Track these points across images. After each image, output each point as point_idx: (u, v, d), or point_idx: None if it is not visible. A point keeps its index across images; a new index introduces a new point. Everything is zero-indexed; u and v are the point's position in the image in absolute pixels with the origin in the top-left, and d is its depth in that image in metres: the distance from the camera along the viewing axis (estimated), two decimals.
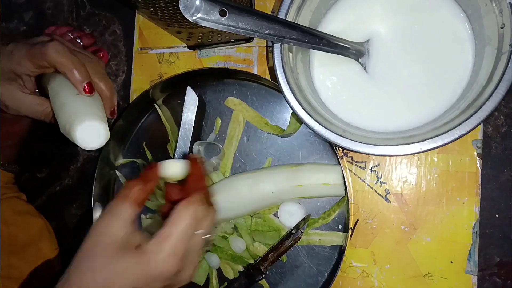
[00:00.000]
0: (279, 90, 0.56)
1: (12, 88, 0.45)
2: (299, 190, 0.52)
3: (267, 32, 0.43)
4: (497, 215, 0.49)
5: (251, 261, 0.56)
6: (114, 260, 0.35)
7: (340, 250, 0.53)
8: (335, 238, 0.53)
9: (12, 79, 0.45)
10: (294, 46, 0.47)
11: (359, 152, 0.42)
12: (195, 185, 0.40)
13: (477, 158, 0.49)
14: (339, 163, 0.51)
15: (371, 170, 0.53)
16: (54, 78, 0.45)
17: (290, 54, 0.47)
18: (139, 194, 0.38)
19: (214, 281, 0.58)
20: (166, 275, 0.35)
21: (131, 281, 0.35)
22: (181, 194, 0.40)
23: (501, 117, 0.50)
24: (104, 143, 0.41)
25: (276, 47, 0.45)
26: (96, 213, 0.54)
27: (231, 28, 0.41)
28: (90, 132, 0.40)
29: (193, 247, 0.37)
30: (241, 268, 0.57)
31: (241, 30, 0.41)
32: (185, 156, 0.55)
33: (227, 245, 0.57)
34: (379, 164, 0.53)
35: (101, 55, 0.67)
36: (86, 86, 0.42)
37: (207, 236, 0.39)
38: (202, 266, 0.58)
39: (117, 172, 0.65)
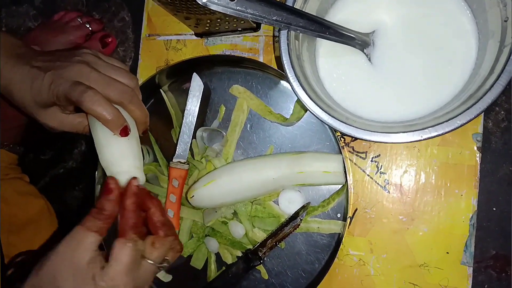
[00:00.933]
0: (284, 79, 0.57)
1: (53, 111, 0.47)
2: (300, 177, 0.53)
3: (274, 18, 0.44)
4: (494, 209, 0.50)
5: (250, 246, 0.57)
6: (80, 278, 0.39)
7: (338, 238, 0.53)
8: (333, 226, 0.54)
9: (51, 105, 0.47)
10: (300, 34, 0.48)
11: (361, 139, 0.43)
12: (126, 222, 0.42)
13: (477, 151, 0.50)
14: (340, 152, 0.52)
15: (372, 161, 0.54)
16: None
17: (297, 42, 0.48)
18: (105, 225, 0.41)
19: (213, 266, 0.59)
20: None
21: None
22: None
23: (502, 112, 0.51)
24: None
25: (283, 34, 0.46)
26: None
27: (240, 13, 0.42)
28: (128, 177, 0.43)
29: (143, 274, 0.41)
30: (239, 253, 0.58)
31: (249, 15, 0.42)
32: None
33: (227, 230, 0.57)
34: (379, 155, 0.53)
35: (109, 40, 0.68)
36: (122, 131, 0.44)
37: (159, 264, 0.42)
38: (201, 251, 0.59)
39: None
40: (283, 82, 0.58)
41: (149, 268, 0.42)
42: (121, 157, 0.45)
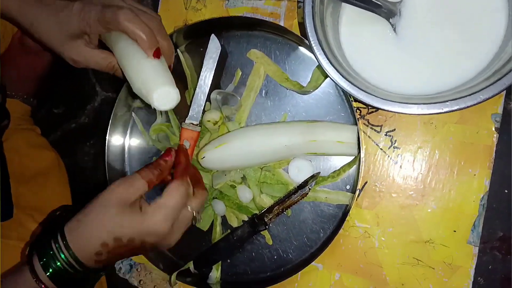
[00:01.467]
0: (304, 45, 0.56)
1: (79, 44, 0.48)
2: (313, 145, 0.52)
3: None
4: (506, 191, 0.49)
5: (256, 211, 0.57)
6: (122, 214, 0.43)
7: (345, 210, 0.53)
8: (341, 197, 0.54)
9: (78, 36, 0.47)
10: None
11: (380, 109, 0.42)
12: (183, 171, 0.49)
13: (495, 132, 0.49)
14: (356, 124, 0.51)
15: (386, 135, 0.53)
16: (121, 39, 0.47)
17: (321, 6, 0.47)
18: (155, 180, 0.46)
19: (218, 228, 0.59)
20: (156, 234, 0.44)
21: (130, 233, 0.43)
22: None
23: None
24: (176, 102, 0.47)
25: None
26: None
27: None
28: (165, 96, 0.45)
29: (182, 218, 0.46)
30: (245, 218, 0.58)
31: None
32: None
33: (234, 194, 0.58)
34: (395, 129, 0.53)
35: None
36: (155, 52, 0.46)
37: (195, 213, 0.47)
38: (207, 212, 0.60)
39: (133, 115, 0.65)
40: (303, 49, 0.57)
41: (187, 215, 0.46)
42: (156, 75, 0.45)
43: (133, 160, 0.65)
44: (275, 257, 0.57)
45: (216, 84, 0.60)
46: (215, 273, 0.59)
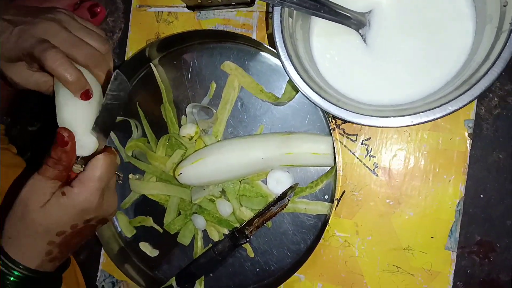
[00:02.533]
0: (276, 57, 0.56)
1: (19, 66, 0.47)
2: (289, 158, 0.52)
3: None
4: (481, 195, 0.50)
5: (237, 225, 0.57)
6: (50, 209, 0.42)
7: (325, 220, 0.54)
8: (320, 207, 0.54)
9: (18, 59, 0.46)
10: (294, 12, 0.46)
11: (351, 122, 0.42)
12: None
13: (468, 137, 0.50)
14: (331, 134, 0.51)
15: (362, 144, 0.53)
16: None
17: (290, 19, 0.46)
18: (59, 174, 0.43)
19: (199, 243, 0.59)
20: (91, 209, 0.44)
21: (69, 217, 0.43)
22: None
23: (495, 99, 0.50)
24: (92, 152, 0.45)
25: (276, 11, 0.45)
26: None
27: None
28: (84, 143, 0.44)
29: (111, 184, 0.47)
30: (226, 231, 0.58)
31: None
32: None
33: (214, 208, 0.57)
34: (370, 138, 0.53)
35: (98, 10, 0.66)
36: (83, 95, 0.44)
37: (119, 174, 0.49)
38: (188, 228, 0.59)
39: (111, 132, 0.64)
40: (276, 61, 0.57)
41: (114, 180, 0.47)
42: (76, 120, 0.44)
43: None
44: (258, 269, 0.57)
45: (190, 97, 0.60)
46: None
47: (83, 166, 0.44)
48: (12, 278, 0.43)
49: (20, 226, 0.43)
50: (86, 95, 0.44)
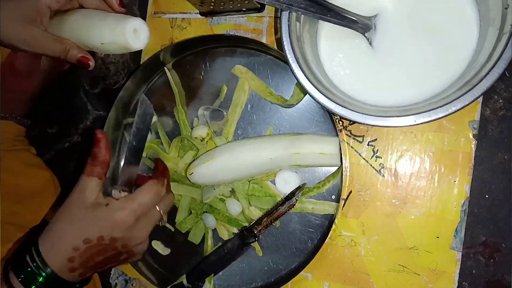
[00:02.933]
0: (285, 61, 0.57)
1: (33, 27, 0.50)
2: (296, 158, 0.54)
3: None
4: (486, 196, 0.50)
5: (246, 224, 0.58)
6: (88, 212, 0.45)
7: (331, 219, 0.55)
8: (327, 207, 0.55)
9: (33, 19, 0.50)
10: (302, 16, 0.48)
11: (357, 122, 0.44)
12: (161, 174, 0.52)
13: (473, 139, 0.50)
14: (337, 135, 0.53)
15: (368, 145, 0.54)
16: (73, 13, 0.52)
17: (298, 23, 0.48)
18: (99, 171, 0.47)
19: (210, 241, 0.60)
20: (122, 226, 0.45)
21: (98, 230, 0.45)
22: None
23: (500, 101, 0.51)
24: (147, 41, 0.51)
25: (284, 15, 0.47)
26: None
27: None
28: (138, 30, 0.50)
29: (149, 216, 0.48)
30: (235, 230, 0.59)
31: None
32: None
33: (224, 207, 0.59)
34: (376, 139, 0.54)
35: None
36: (120, 3, 0.51)
37: (162, 213, 0.49)
38: (198, 226, 0.61)
39: (124, 132, 0.67)
40: (285, 64, 0.58)
41: (155, 214, 0.48)
42: (124, 17, 0.50)
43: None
44: (266, 268, 0.58)
45: (202, 100, 0.62)
46: (208, 286, 0.60)
47: (121, 192, 0.49)
48: (40, 279, 0.44)
49: (59, 222, 0.46)
50: (122, 3, 0.51)
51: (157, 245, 0.63)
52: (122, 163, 0.57)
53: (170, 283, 0.60)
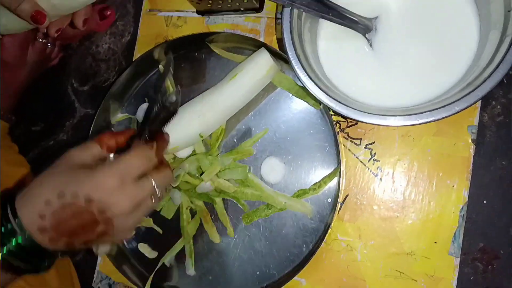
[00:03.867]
0: (284, 60, 0.57)
1: None
2: (235, 84, 0.54)
3: None
4: (484, 201, 0.50)
5: (217, 198, 0.57)
6: (71, 169, 0.41)
7: (327, 223, 0.53)
8: (300, 206, 0.55)
9: None
10: (303, 14, 0.47)
11: (358, 121, 0.43)
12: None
13: (471, 143, 0.50)
14: (336, 137, 0.52)
15: (366, 148, 0.53)
16: None
17: (299, 21, 0.47)
18: (110, 141, 0.45)
19: (185, 215, 0.58)
20: (102, 188, 0.40)
21: (77, 184, 0.40)
22: None
23: (498, 107, 0.51)
24: None
25: (286, 11, 0.46)
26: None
27: None
28: None
29: (139, 185, 0.41)
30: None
31: None
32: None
33: (193, 187, 0.57)
34: (374, 142, 0.53)
35: (108, 13, 0.67)
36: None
37: (156, 186, 0.43)
38: (171, 202, 0.59)
39: (113, 130, 0.65)
40: (284, 64, 0.57)
41: (147, 186, 0.42)
42: None
43: None
44: (258, 272, 0.56)
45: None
46: (190, 264, 0.58)
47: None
48: (14, 240, 0.39)
49: (40, 176, 0.42)
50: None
51: (144, 248, 0.61)
52: None
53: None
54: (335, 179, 0.54)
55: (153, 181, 0.42)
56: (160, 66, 0.61)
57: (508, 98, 0.51)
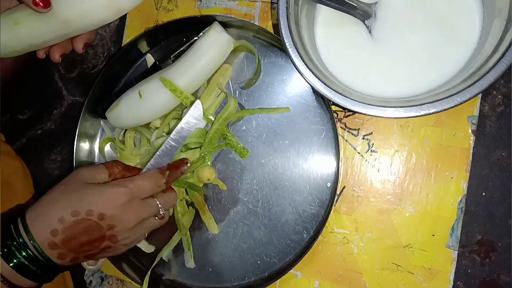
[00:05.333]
0: (279, 46, 0.55)
1: None
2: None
3: None
4: (483, 193, 0.49)
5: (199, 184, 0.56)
6: (83, 187, 0.43)
7: (328, 209, 0.51)
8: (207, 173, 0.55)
9: None
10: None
11: (357, 112, 0.41)
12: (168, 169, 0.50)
13: (471, 134, 0.49)
14: (335, 126, 0.50)
15: (363, 138, 0.52)
16: None
17: (296, 7, 0.45)
18: (118, 174, 0.47)
19: (179, 207, 0.57)
20: (113, 205, 0.43)
21: (90, 201, 0.42)
22: None
23: (499, 96, 0.49)
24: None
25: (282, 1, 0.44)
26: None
27: None
28: None
29: (145, 203, 0.46)
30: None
31: None
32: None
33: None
34: (372, 133, 0.52)
35: None
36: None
37: (160, 206, 0.47)
38: None
39: (101, 121, 0.62)
40: (278, 50, 0.55)
41: (151, 205, 0.46)
42: None
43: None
44: (259, 261, 0.54)
45: None
46: (190, 257, 0.57)
47: None
48: (24, 254, 0.41)
49: (51, 193, 0.44)
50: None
51: (141, 243, 0.59)
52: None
53: (155, 283, 0.57)
54: (334, 163, 0.52)
55: (157, 202, 0.46)
56: (149, 55, 0.59)
57: (509, 87, 0.49)
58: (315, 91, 0.53)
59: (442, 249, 0.49)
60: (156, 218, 0.48)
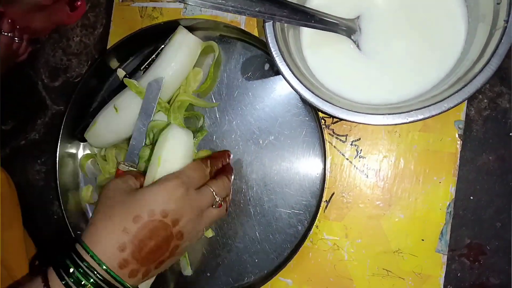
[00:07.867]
0: (264, 49, 0.54)
1: None
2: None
3: (257, 9, 0.41)
4: (471, 197, 0.49)
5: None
6: (130, 195, 0.42)
7: (319, 198, 0.51)
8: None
9: None
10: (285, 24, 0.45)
11: (345, 120, 0.41)
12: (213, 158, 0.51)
13: (458, 139, 0.49)
14: (322, 134, 0.50)
15: (352, 144, 0.52)
16: None
17: (282, 30, 0.45)
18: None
19: None
20: (174, 195, 0.42)
21: (148, 202, 0.41)
22: None
23: (485, 101, 0.50)
24: None
25: (269, 26, 0.43)
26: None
27: (220, 6, 0.40)
28: None
29: (202, 192, 0.45)
30: None
31: (231, 8, 0.40)
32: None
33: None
34: (360, 139, 0.52)
35: (78, 4, 0.63)
36: None
37: (215, 193, 0.46)
38: None
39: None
40: (259, 51, 0.55)
41: (207, 194, 0.45)
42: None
43: (87, 177, 0.61)
44: (257, 260, 0.54)
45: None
46: (186, 265, 0.56)
47: (128, 166, 0.51)
48: (91, 280, 0.38)
49: (100, 213, 0.42)
50: None
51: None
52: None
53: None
54: (320, 151, 0.52)
55: (211, 189, 0.45)
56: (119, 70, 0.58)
57: (495, 91, 0.50)
58: (302, 99, 0.53)
59: (432, 254, 0.49)
60: (214, 207, 0.46)
